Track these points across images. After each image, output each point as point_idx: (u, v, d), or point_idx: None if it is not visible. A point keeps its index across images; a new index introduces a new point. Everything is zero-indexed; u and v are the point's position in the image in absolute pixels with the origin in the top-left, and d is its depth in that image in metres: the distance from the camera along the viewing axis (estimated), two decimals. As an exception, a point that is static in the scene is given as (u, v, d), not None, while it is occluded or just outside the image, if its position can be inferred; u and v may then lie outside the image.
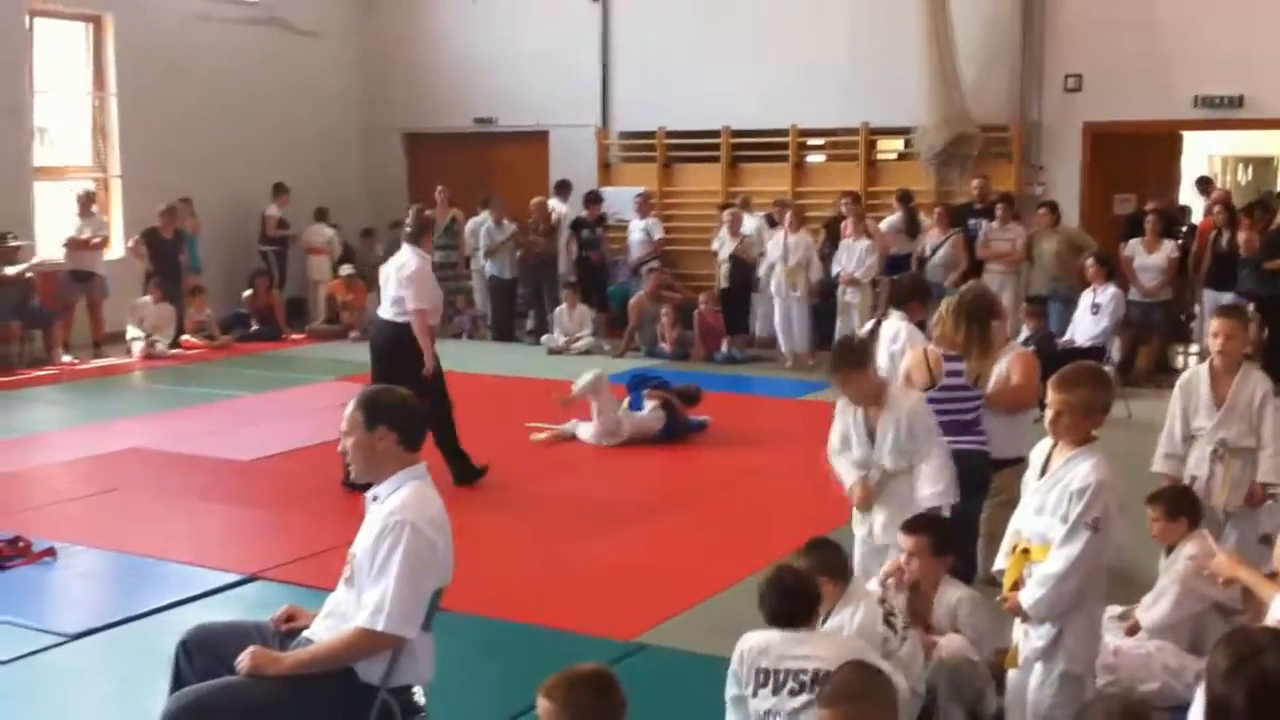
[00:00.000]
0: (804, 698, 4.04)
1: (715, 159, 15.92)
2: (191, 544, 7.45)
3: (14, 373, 13.15)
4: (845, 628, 4.50)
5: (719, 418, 10.60)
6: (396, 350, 8.28)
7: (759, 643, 4.19)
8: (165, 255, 14.84)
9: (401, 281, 8.30)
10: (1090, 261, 11.63)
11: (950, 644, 4.88)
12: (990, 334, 6.19)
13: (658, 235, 15.30)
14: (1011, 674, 4.57)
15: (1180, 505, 5.58)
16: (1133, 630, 5.41)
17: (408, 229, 8.66)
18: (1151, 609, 5.41)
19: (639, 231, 15.26)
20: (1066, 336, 11.42)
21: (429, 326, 8.43)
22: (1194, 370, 6.11)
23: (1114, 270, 11.79)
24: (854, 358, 5.59)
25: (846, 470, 5.65)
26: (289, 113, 17.14)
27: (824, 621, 4.49)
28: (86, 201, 14.32)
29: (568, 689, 3.26)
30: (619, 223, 15.69)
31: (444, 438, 8.38)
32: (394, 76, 18.12)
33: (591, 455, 9.85)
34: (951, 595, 5.11)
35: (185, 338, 14.70)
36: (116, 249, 15.44)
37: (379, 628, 3.83)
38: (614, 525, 7.94)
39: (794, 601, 4.24)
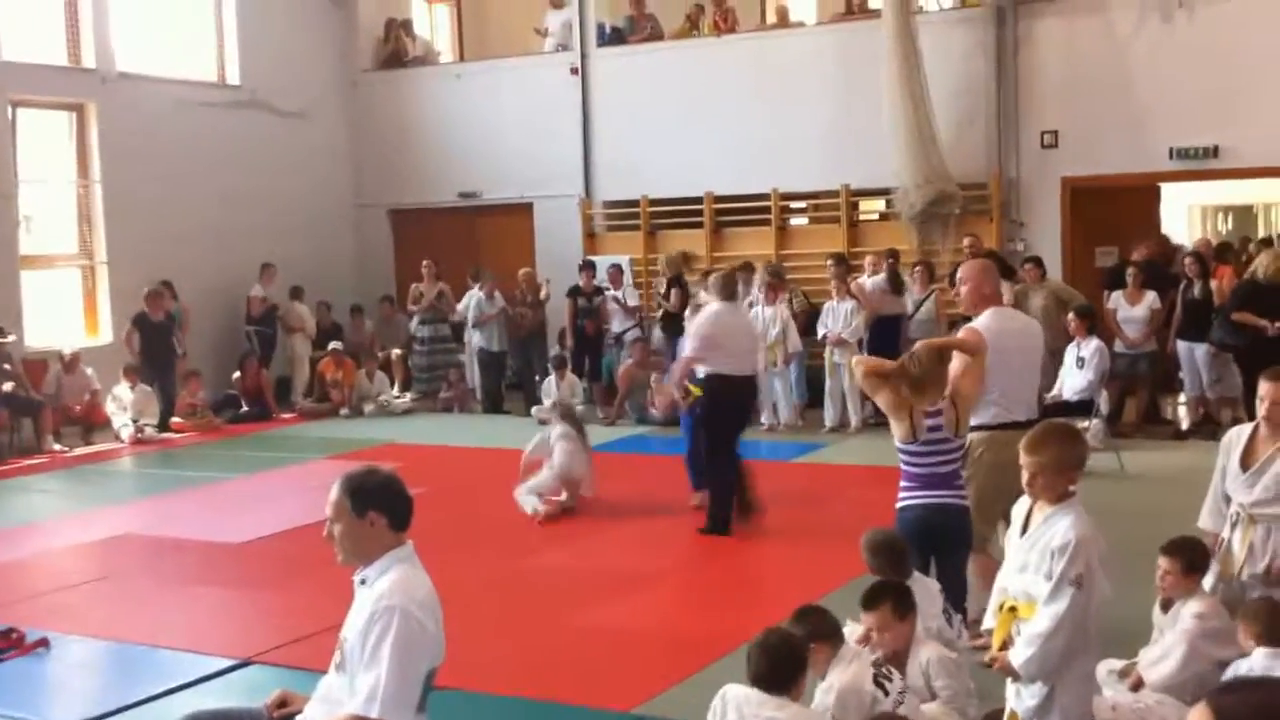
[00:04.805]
0: None
1: (699, 224, 16.03)
2: (184, 630, 7.41)
3: (3, 461, 13.12)
4: (835, 686, 4.52)
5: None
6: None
7: (738, 695, 4.31)
8: (157, 338, 14.88)
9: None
10: (1071, 316, 11.71)
11: (929, 713, 4.85)
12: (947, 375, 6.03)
13: (632, 303, 15.35)
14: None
15: (1197, 561, 5.46)
16: (1136, 686, 5.35)
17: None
18: (1158, 666, 5.34)
19: (616, 301, 15.32)
20: (1054, 391, 11.48)
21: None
22: (1239, 429, 5.78)
23: (1096, 323, 11.85)
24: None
25: None
26: (276, 193, 17.20)
27: (820, 682, 4.58)
28: (74, 363, 14.37)
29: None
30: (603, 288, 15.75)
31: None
32: (378, 154, 18.27)
33: (585, 525, 9.82)
34: (922, 656, 5.06)
35: (175, 420, 14.69)
36: (104, 335, 15.47)
37: (373, 715, 3.80)
38: (609, 594, 7.92)
39: (778, 665, 4.32)
